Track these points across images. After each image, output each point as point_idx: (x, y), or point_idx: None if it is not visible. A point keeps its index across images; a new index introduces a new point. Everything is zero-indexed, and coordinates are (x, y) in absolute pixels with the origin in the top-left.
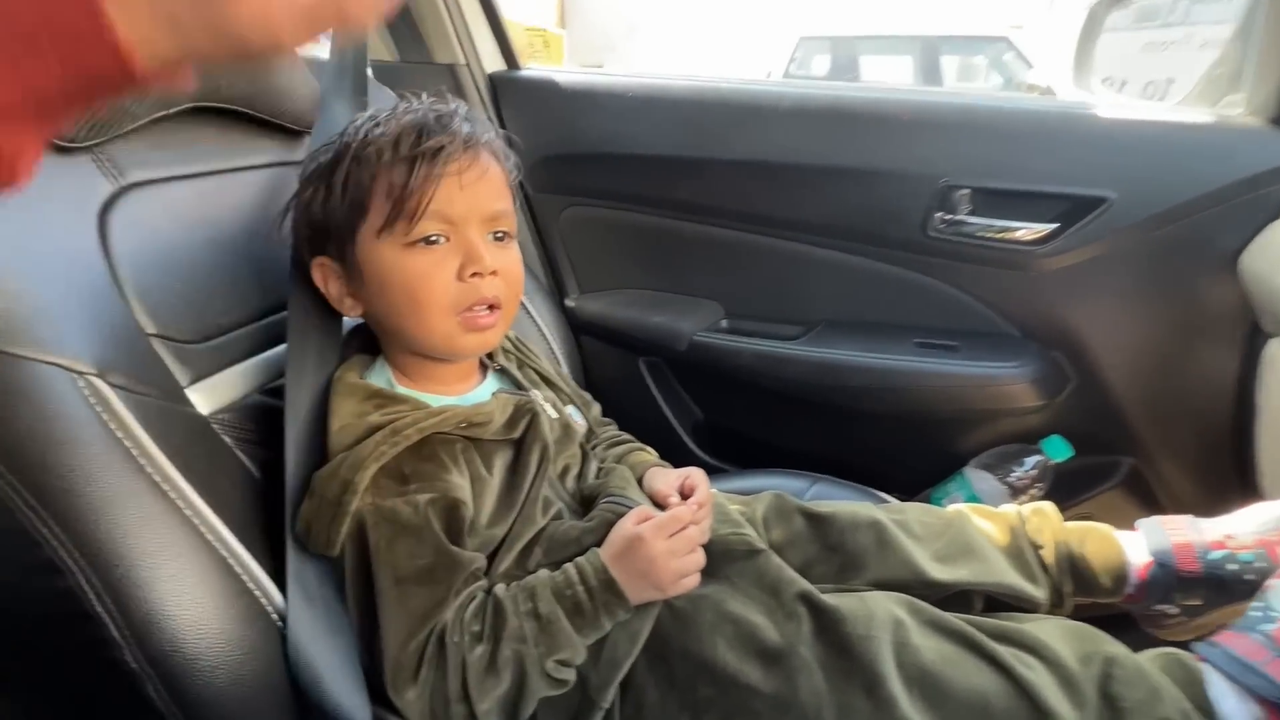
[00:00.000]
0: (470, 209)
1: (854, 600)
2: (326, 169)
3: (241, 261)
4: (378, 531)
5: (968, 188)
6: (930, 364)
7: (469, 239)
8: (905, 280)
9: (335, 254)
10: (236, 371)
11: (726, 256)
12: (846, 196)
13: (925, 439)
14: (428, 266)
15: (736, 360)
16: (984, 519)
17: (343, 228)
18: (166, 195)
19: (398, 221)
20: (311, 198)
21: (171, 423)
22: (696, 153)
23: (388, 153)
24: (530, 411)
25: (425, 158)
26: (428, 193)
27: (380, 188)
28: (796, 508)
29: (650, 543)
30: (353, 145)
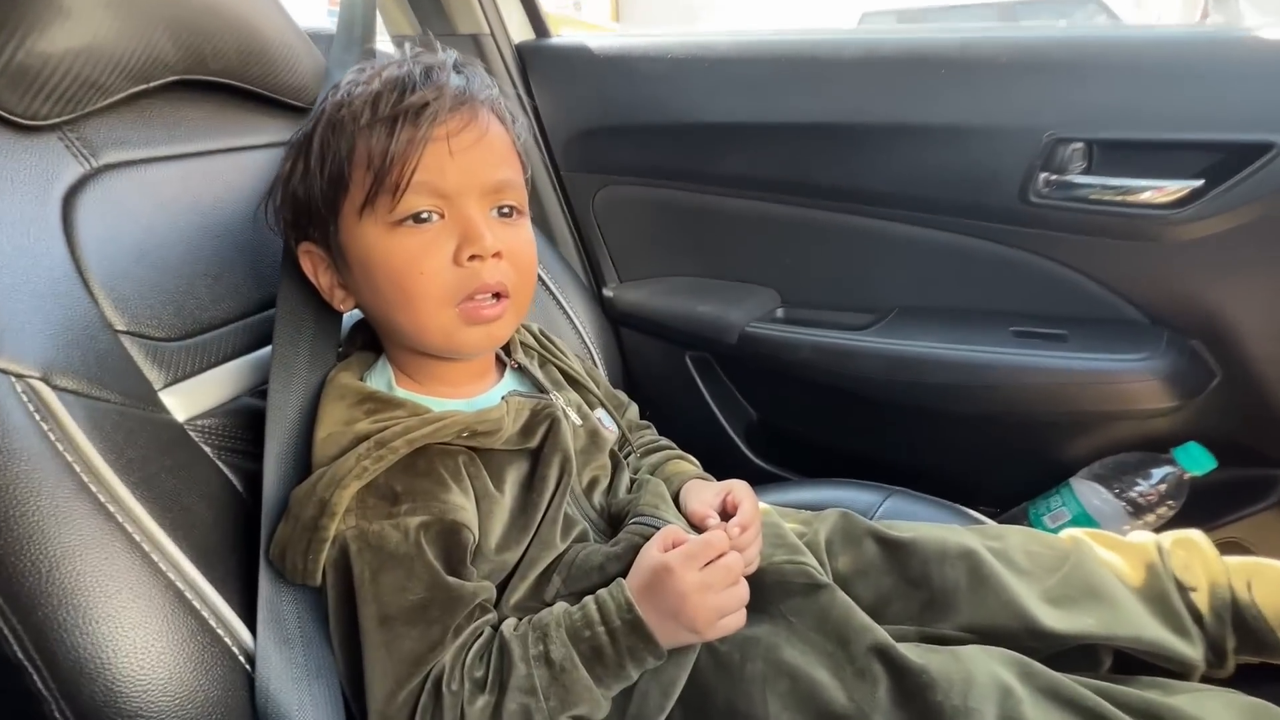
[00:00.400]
0: (466, 179)
1: (946, 659)
2: (304, 139)
3: (233, 250)
4: (361, 560)
5: (1080, 140)
6: (1031, 357)
7: (466, 215)
8: (999, 257)
9: (319, 238)
10: (223, 372)
11: (783, 236)
12: (926, 160)
13: (1022, 445)
14: (417, 249)
15: (795, 354)
16: (1110, 549)
17: (323, 208)
18: (147, 177)
19: (379, 196)
20: (291, 173)
21: (133, 431)
22: (747, 117)
23: (365, 114)
24: (549, 417)
25: (407, 118)
26: (412, 160)
27: (359, 157)
28: (868, 530)
29: (679, 574)
30: (327, 109)
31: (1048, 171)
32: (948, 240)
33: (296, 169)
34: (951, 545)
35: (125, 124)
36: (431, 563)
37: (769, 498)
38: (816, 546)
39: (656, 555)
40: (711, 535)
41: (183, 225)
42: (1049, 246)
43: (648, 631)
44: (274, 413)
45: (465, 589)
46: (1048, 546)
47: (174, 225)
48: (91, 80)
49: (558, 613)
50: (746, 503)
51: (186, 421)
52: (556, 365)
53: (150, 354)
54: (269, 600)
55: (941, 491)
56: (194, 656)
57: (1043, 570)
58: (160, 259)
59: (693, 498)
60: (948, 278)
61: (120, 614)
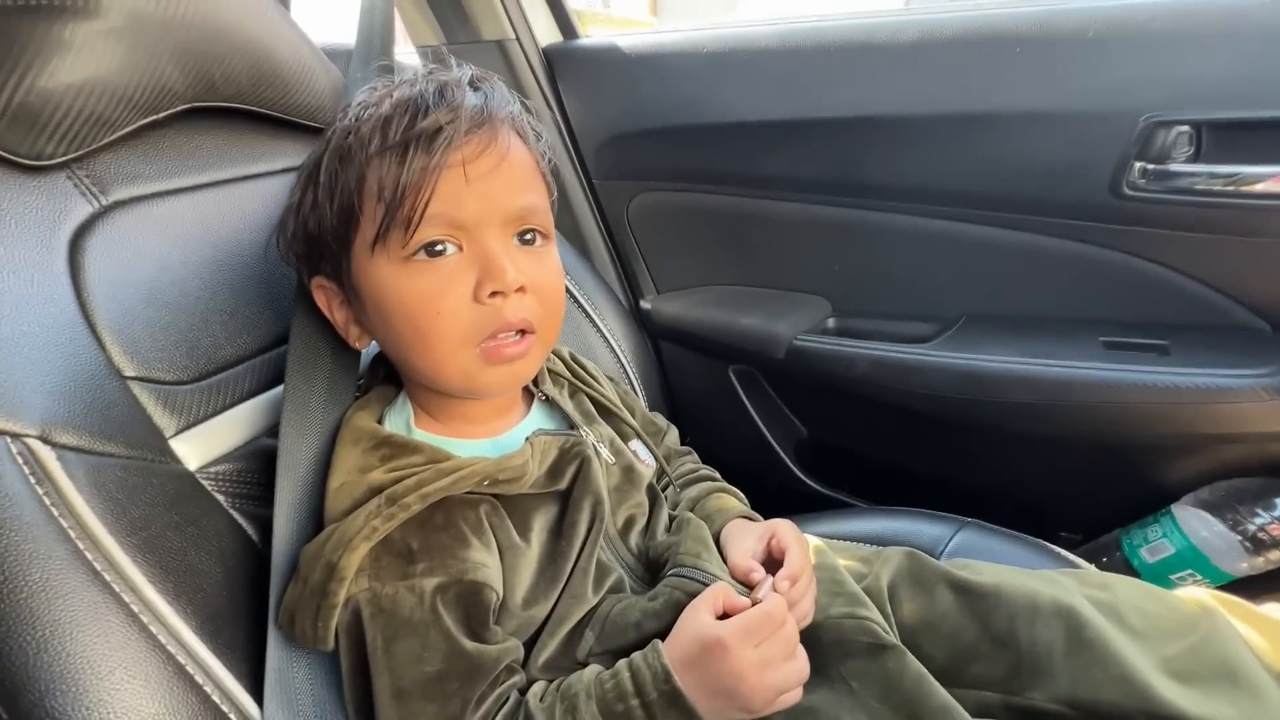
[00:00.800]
0: (485, 208)
1: None
2: (313, 167)
3: (249, 282)
4: (374, 626)
5: (1186, 123)
6: (1127, 372)
7: (486, 247)
8: (1086, 258)
9: (331, 273)
10: (239, 412)
11: (833, 240)
12: (998, 153)
13: (1115, 469)
14: (432, 287)
15: (850, 369)
16: (1245, 622)
17: (334, 242)
18: (159, 212)
19: (392, 230)
20: (300, 204)
21: (137, 488)
22: (792, 113)
23: (374, 141)
24: (579, 456)
25: (420, 144)
26: (425, 190)
27: (369, 188)
28: (940, 575)
29: (736, 652)
30: (334, 136)
31: (1145, 160)
32: (1024, 241)
33: (305, 200)
34: (1044, 599)
35: (136, 157)
36: (449, 630)
37: (823, 528)
38: (879, 594)
39: (707, 625)
40: (771, 607)
41: (196, 260)
42: (1146, 245)
43: (688, 705)
44: (286, 458)
45: (488, 655)
46: (1168, 607)
47: (187, 261)
48: (98, 115)
49: (588, 680)
50: (794, 549)
51: (200, 469)
52: (588, 394)
53: (161, 399)
54: (278, 669)
55: (1018, 518)
56: None
57: (1161, 636)
58: (173, 297)
59: (733, 546)
60: (1024, 282)
61: (114, 696)
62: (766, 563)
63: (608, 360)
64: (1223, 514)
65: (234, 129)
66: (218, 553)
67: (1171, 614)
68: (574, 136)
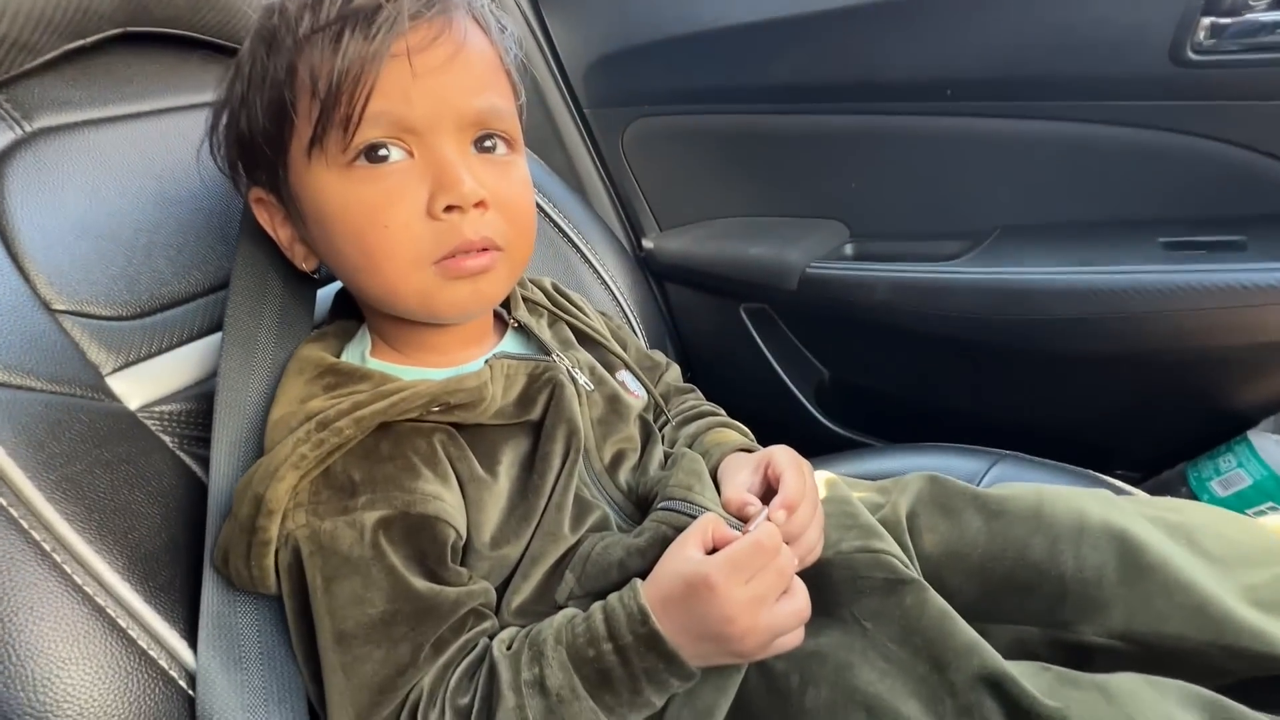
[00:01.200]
0: (437, 107)
1: (1093, 698)
2: (244, 58)
3: (198, 216)
4: (313, 565)
5: None
6: (1193, 273)
7: (440, 154)
8: (1141, 145)
9: (269, 183)
10: (189, 351)
11: (846, 153)
12: (1032, 25)
13: (1180, 391)
14: (377, 198)
15: (870, 296)
16: None
17: (266, 145)
18: (92, 140)
19: (329, 131)
20: (229, 97)
21: (60, 423)
22: (794, 8)
23: (305, 20)
24: (550, 382)
25: (356, 25)
26: (365, 82)
27: (301, 80)
28: (969, 497)
29: (723, 590)
30: (259, 17)
31: (1214, 14)
32: (1067, 132)
33: (234, 94)
34: (1094, 518)
35: (65, 83)
36: (394, 566)
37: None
38: (896, 524)
39: (692, 560)
40: (762, 535)
41: (136, 191)
42: (1215, 122)
43: (669, 648)
44: (228, 395)
45: (444, 596)
46: (1251, 533)
47: (125, 192)
48: (13, 39)
49: (558, 624)
50: (789, 474)
51: (142, 408)
52: (569, 322)
53: (97, 335)
54: (216, 613)
55: (1067, 454)
56: (119, 684)
57: (1243, 561)
58: (110, 230)
59: (728, 481)
60: (1068, 183)
61: (22, 638)
62: (765, 495)
63: (606, 303)
64: None
65: (176, 56)
66: (157, 493)
67: (1255, 540)
68: (560, 61)
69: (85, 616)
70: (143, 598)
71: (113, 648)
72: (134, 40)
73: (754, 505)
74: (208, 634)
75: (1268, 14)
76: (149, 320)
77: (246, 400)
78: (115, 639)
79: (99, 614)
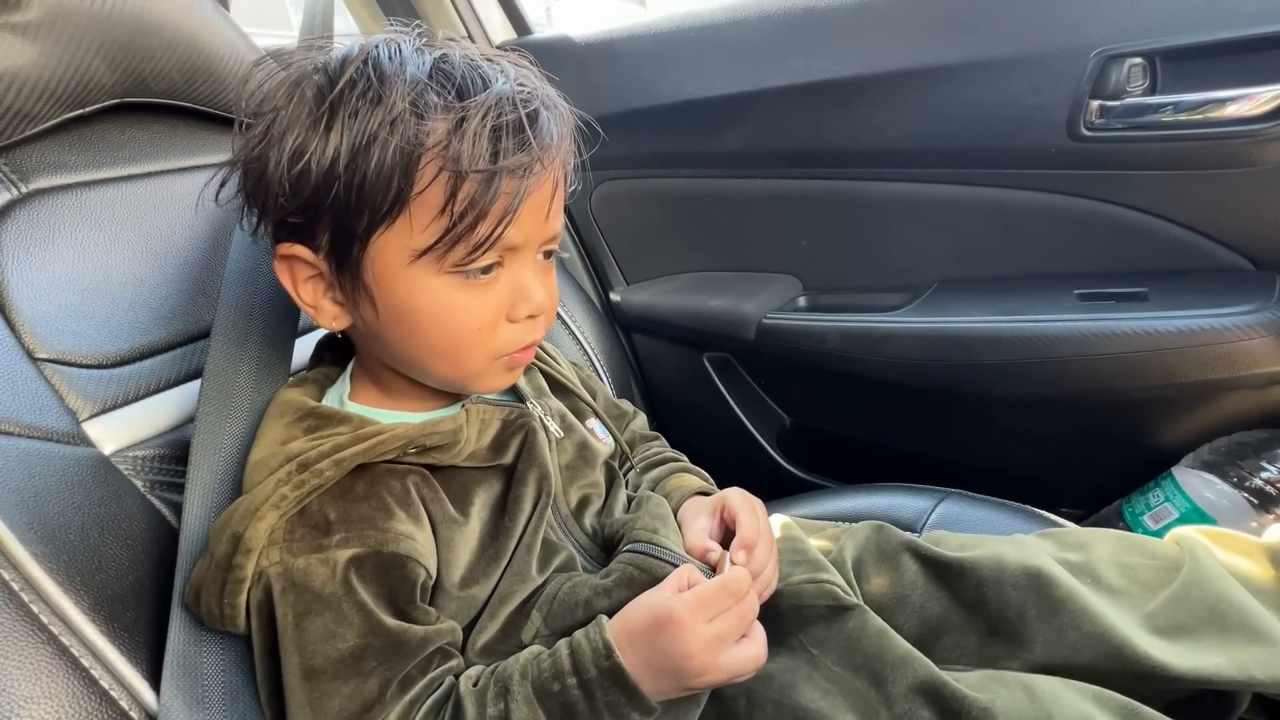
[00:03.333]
0: (534, 233)
1: (1017, 696)
2: (325, 110)
3: (183, 270)
4: (285, 602)
5: (1140, 54)
6: (1105, 321)
7: (523, 271)
8: (1054, 209)
9: (328, 250)
10: (165, 399)
11: (798, 214)
12: (951, 105)
13: (1107, 431)
14: (480, 307)
15: (821, 343)
16: (1236, 553)
17: (350, 221)
18: (83, 200)
19: (455, 247)
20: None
21: (35, 467)
22: (743, 86)
23: (454, 143)
24: (524, 428)
25: (512, 173)
26: (506, 218)
27: (433, 190)
28: (904, 544)
29: (688, 626)
30: (383, 94)
31: (1100, 98)
32: (988, 196)
33: (307, 143)
34: (1010, 560)
35: (62, 148)
36: (365, 603)
37: (800, 510)
38: (843, 566)
39: (661, 598)
40: (729, 579)
41: (123, 248)
42: (1112, 188)
43: (631, 683)
44: (205, 437)
45: (412, 634)
46: (1148, 555)
47: (113, 248)
48: (17, 109)
49: (524, 660)
50: (743, 515)
51: (116, 453)
52: (542, 370)
53: (75, 382)
54: (181, 653)
55: (1008, 491)
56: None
57: (1142, 589)
58: (95, 283)
59: (688, 528)
60: (993, 241)
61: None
62: (724, 538)
63: (575, 354)
64: (1225, 472)
65: (169, 123)
66: (126, 536)
67: (1152, 562)
68: None
69: (50, 656)
70: (107, 638)
71: (74, 687)
72: (130, 109)
73: (715, 550)
74: (171, 673)
75: (1144, 98)
76: (128, 368)
77: (223, 443)
78: (77, 679)
79: (63, 654)
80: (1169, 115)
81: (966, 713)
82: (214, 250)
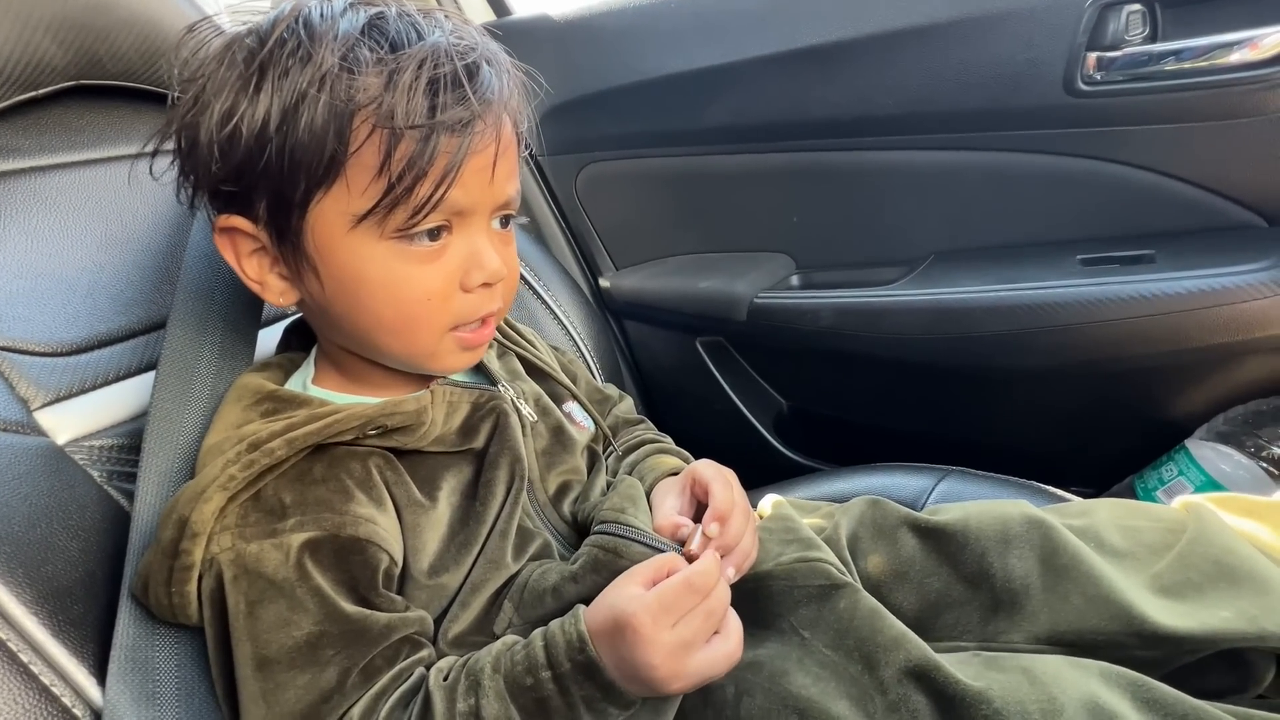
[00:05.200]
0: (484, 196)
1: (1016, 679)
2: (255, 71)
3: (144, 258)
4: (237, 590)
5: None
6: (1109, 285)
7: (475, 237)
8: (1050, 171)
9: (266, 219)
10: (125, 388)
11: (787, 189)
12: (940, 66)
13: (1115, 403)
14: (429, 274)
15: (815, 322)
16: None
17: (285, 187)
18: (37, 185)
19: (395, 210)
20: (207, 108)
21: None
22: (726, 57)
23: (387, 99)
24: (494, 411)
25: (451, 130)
26: (447, 180)
27: (368, 150)
28: (902, 519)
29: (647, 635)
30: (313, 51)
31: (1098, 49)
32: (983, 161)
33: (236, 108)
34: (1015, 525)
35: (14, 132)
36: (321, 588)
37: (797, 492)
38: (837, 544)
39: (622, 598)
40: (693, 575)
41: (81, 233)
42: (1113, 146)
43: (607, 679)
44: (161, 424)
45: (374, 620)
46: (1152, 519)
47: (70, 234)
48: None
49: (496, 652)
50: (715, 486)
51: (70, 443)
52: (518, 354)
53: (27, 371)
54: (130, 646)
55: (1013, 468)
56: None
57: (1147, 550)
58: (50, 269)
59: (656, 507)
60: (990, 208)
61: None
62: (697, 513)
63: (561, 339)
64: (1241, 442)
65: (132, 106)
66: (78, 527)
67: (1156, 525)
68: None
69: None
70: (50, 632)
71: (11, 684)
72: (88, 93)
73: (686, 526)
74: (119, 668)
75: (1144, 46)
76: (85, 356)
77: (180, 431)
78: (15, 674)
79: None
80: (1171, 64)
81: (961, 698)
82: (180, 236)
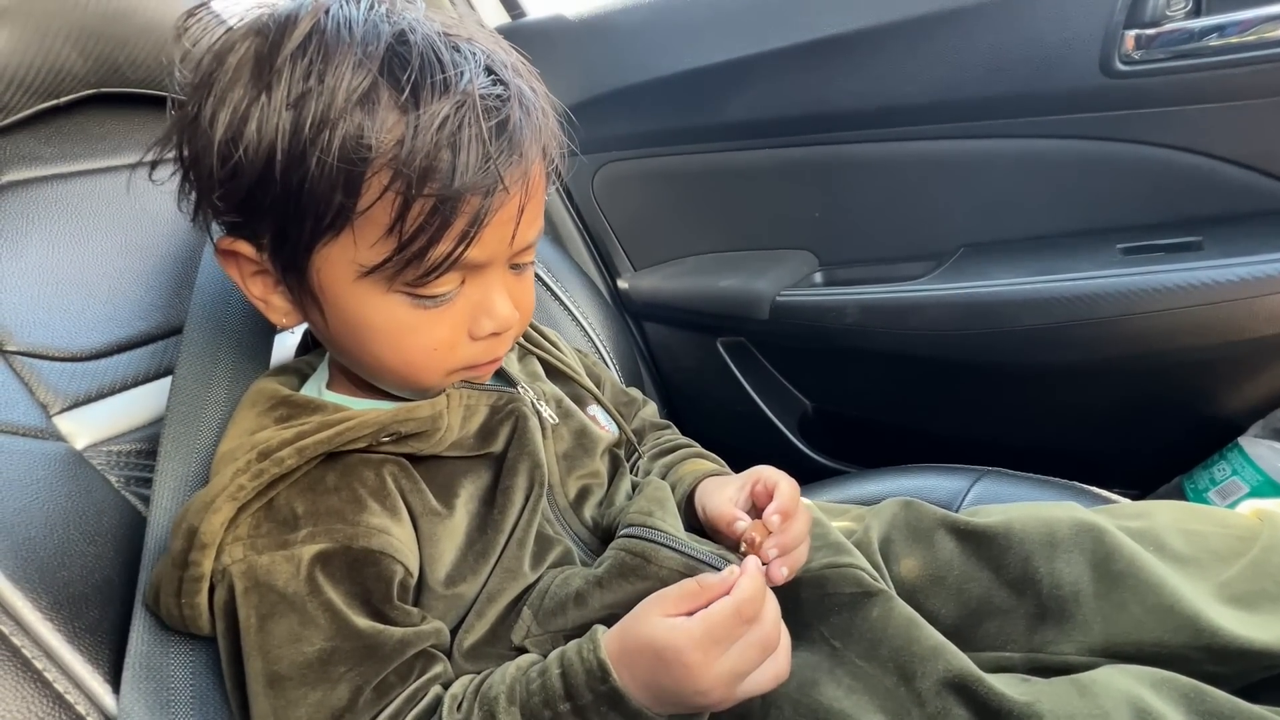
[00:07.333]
0: (503, 246)
1: (1065, 691)
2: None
3: (165, 264)
4: (248, 603)
5: None
6: (1153, 275)
7: (490, 287)
8: (1087, 156)
9: (270, 250)
10: (144, 392)
11: (809, 184)
12: (969, 51)
13: (1161, 399)
14: (435, 326)
15: (840, 319)
16: None
17: (290, 227)
18: (59, 192)
19: (405, 270)
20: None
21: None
22: (744, 50)
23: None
24: (513, 414)
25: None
26: (465, 241)
27: (380, 208)
28: (940, 520)
29: (699, 668)
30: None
31: (1137, 27)
32: (1016, 148)
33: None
34: (1063, 528)
35: (37, 140)
36: (332, 603)
37: (825, 495)
38: (869, 548)
39: (662, 630)
40: (741, 603)
41: (101, 240)
42: (1154, 128)
43: (633, 707)
44: (176, 429)
45: (387, 635)
46: (1219, 524)
47: (90, 240)
48: None
49: (511, 678)
50: (783, 484)
51: (89, 447)
52: (539, 356)
53: (47, 376)
54: (144, 654)
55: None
56: None
57: (1214, 557)
58: (70, 276)
59: (712, 497)
60: (1023, 197)
61: None
62: (752, 511)
63: (580, 342)
64: None
65: (150, 115)
66: (95, 533)
67: (1222, 531)
68: None
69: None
70: (65, 638)
71: (24, 691)
72: (109, 100)
73: (743, 519)
74: (133, 675)
75: (1186, 22)
76: (105, 362)
77: (197, 435)
78: (28, 681)
79: (14, 655)
80: (1215, 40)
81: (1006, 712)
82: (198, 242)
